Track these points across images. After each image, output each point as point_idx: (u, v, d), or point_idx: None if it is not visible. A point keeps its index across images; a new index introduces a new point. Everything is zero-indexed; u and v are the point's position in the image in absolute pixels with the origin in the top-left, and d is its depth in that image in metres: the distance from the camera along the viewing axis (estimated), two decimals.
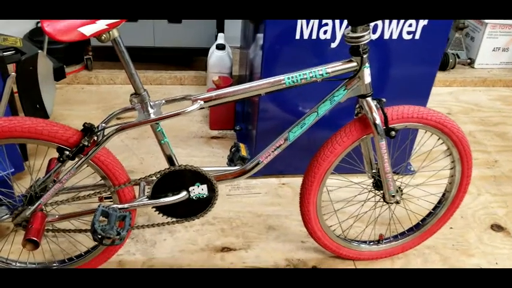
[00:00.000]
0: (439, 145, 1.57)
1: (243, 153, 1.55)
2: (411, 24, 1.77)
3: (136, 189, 1.46)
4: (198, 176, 1.42)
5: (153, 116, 1.32)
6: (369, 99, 1.40)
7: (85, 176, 1.42)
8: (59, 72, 2.22)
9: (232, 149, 1.57)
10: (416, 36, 1.80)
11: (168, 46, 2.77)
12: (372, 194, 1.62)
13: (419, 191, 1.76)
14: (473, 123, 2.66)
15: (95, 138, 1.30)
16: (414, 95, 1.95)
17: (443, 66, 3.10)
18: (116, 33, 1.21)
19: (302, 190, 1.55)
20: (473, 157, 1.94)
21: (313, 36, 1.74)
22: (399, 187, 1.58)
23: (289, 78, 1.35)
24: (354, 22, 1.28)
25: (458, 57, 3.18)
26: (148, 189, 1.44)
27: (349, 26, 1.32)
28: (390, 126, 1.42)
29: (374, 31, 1.77)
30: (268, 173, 2.08)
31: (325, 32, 1.74)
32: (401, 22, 1.76)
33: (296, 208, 1.63)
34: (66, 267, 1.54)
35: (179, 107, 1.34)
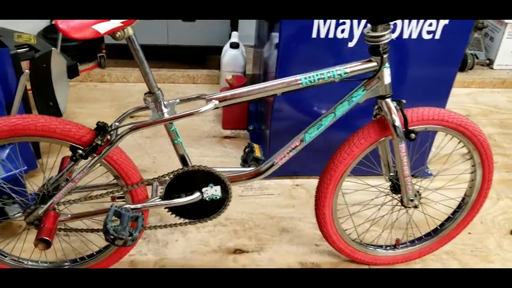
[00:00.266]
0: (460, 148, 1.53)
1: (257, 154, 1.52)
2: (431, 23, 1.72)
3: (149, 189, 1.44)
4: (211, 176, 1.39)
5: (167, 115, 1.30)
6: (389, 101, 1.36)
7: (98, 175, 1.41)
8: (72, 70, 2.22)
9: (246, 150, 1.54)
10: (437, 36, 1.75)
11: (181, 44, 2.75)
12: (389, 197, 1.58)
13: (437, 195, 1.71)
14: (492, 126, 2.60)
15: (108, 137, 1.28)
16: (433, 96, 1.90)
17: (462, 66, 3.03)
18: (131, 31, 1.19)
19: (317, 193, 1.51)
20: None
21: (330, 35, 1.70)
22: (417, 191, 1.54)
23: (306, 78, 1.32)
24: (375, 21, 1.25)
25: (477, 57, 3.11)
26: (161, 189, 1.42)
27: (368, 24, 1.28)
28: (410, 128, 1.38)
29: (393, 30, 1.72)
30: (281, 174, 2.04)
31: (343, 31, 1.70)
32: (421, 21, 1.71)
33: (310, 210, 1.60)
34: (77, 266, 1.53)
35: (193, 106, 1.31)
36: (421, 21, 1.71)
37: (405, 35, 1.74)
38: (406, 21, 1.71)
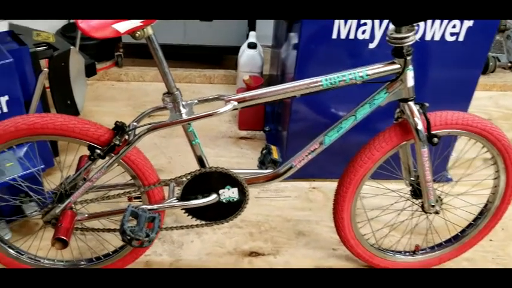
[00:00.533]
0: (483, 153, 1.49)
1: (275, 156, 1.50)
2: (455, 25, 1.68)
3: (166, 190, 1.43)
4: (229, 178, 1.37)
5: (185, 116, 1.29)
6: (411, 104, 1.33)
7: (115, 175, 1.40)
8: (90, 69, 2.22)
9: (264, 151, 1.52)
10: (460, 38, 1.70)
11: (198, 44, 2.74)
12: (410, 202, 1.54)
13: (459, 201, 1.67)
14: None
15: (126, 137, 1.28)
16: (455, 99, 1.85)
17: (483, 69, 2.97)
18: (150, 30, 1.18)
19: (336, 196, 1.49)
20: None
21: (351, 36, 1.67)
22: (439, 196, 1.50)
23: (326, 80, 1.29)
24: (399, 22, 1.21)
25: (498, 60, 3.04)
26: (178, 190, 1.40)
27: (391, 25, 1.25)
28: (433, 132, 1.35)
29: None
30: (298, 176, 2.00)
31: (364, 31, 1.67)
32: (444, 22, 1.67)
33: (327, 214, 1.57)
34: (93, 266, 1.53)
35: (211, 107, 1.30)
36: (445, 23, 1.67)
37: (428, 37, 1.70)
38: (429, 23, 1.67)
